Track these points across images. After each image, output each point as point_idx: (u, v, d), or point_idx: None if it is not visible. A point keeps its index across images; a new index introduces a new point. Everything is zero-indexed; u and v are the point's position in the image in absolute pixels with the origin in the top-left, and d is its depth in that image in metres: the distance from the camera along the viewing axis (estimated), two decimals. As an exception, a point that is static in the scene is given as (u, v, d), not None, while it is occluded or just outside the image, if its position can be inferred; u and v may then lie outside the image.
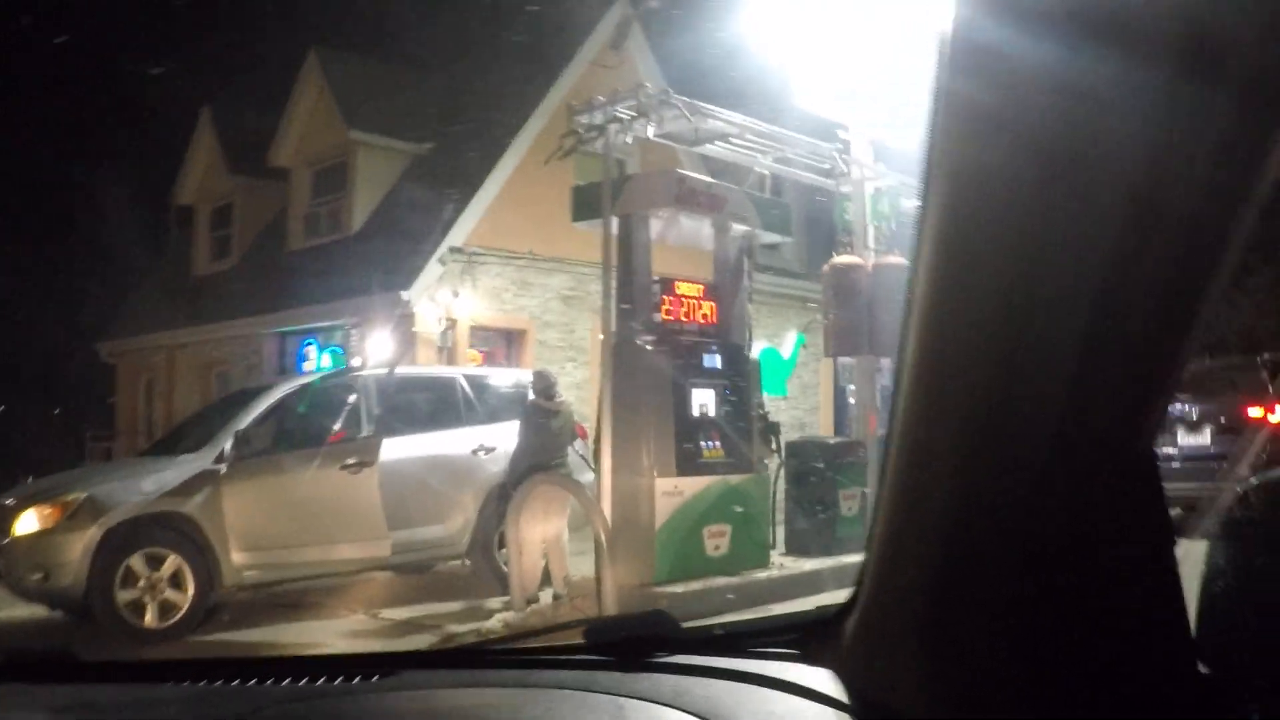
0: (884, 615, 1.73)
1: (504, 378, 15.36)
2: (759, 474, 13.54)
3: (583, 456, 13.44)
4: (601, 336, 12.98)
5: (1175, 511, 1.52)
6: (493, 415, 13.97)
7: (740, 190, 14.46)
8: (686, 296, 13.15)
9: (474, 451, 13.65)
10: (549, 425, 12.49)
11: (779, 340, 24.33)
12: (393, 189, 22.49)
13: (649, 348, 12.59)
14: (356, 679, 2.27)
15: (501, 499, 12.58)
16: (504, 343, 20.98)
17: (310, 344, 21.80)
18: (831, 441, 15.19)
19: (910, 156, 15.91)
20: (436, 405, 14.06)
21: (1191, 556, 1.65)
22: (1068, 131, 1.27)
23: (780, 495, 14.30)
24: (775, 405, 20.65)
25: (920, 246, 1.44)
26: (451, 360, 18.95)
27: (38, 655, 2.92)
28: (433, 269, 19.44)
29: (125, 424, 27.16)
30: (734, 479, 13.02)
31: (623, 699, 1.97)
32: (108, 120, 37.11)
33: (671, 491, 12.36)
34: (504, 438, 13.14)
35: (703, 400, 13.03)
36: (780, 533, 14.29)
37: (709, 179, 14.14)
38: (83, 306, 30.61)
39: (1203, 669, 1.50)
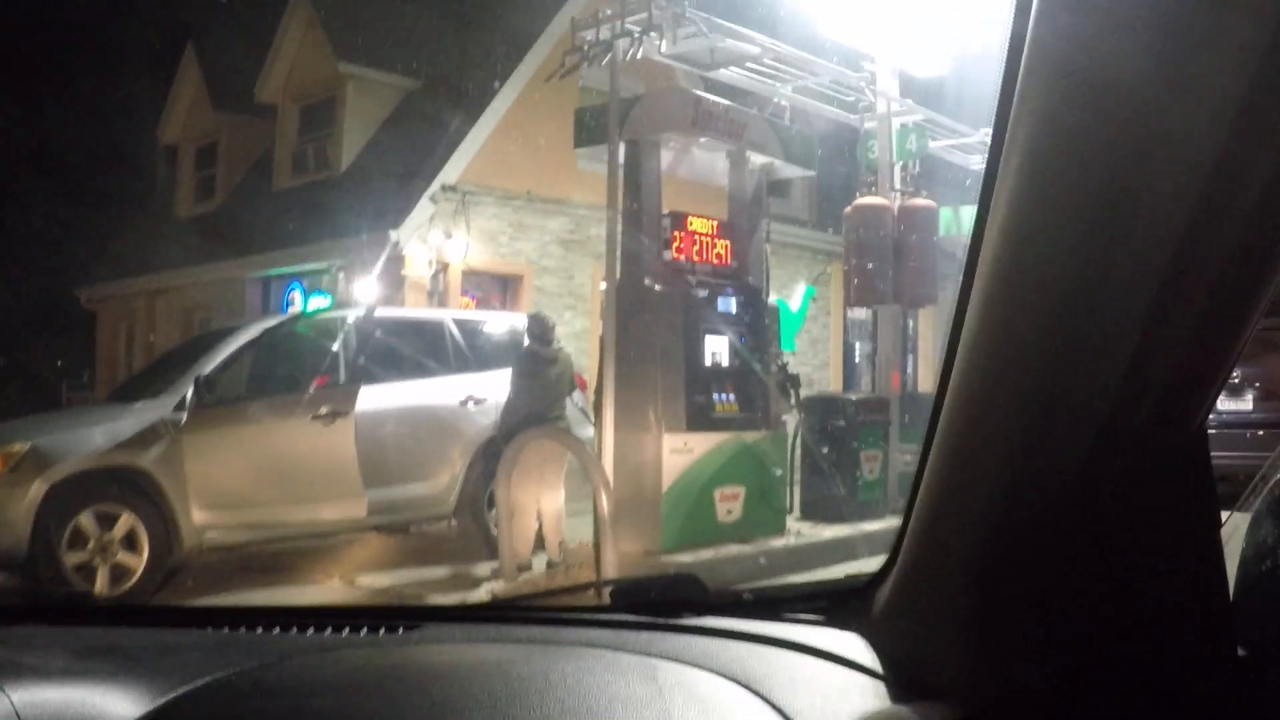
0: (921, 585, 1.71)
1: (497, 322, 14.11)
2: (777, 432, 12.42)
3: (582, 410, 12.36)
4: (604, 284, 11.80)
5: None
6: (484, 363, 12.74)
7: (760, 116, 13.09)
8: (699, 234, 11.88)
9: (463, 402, 12.38)
10: (545, 374, 11.38)
11: (787, 293, 23.03)
12: (385, 125, 21.25)
13: (657, 289, 11.32)
14: (381, 631, 2.24)
15: (492, 455, 11.42)
16: (499, 289, 19.71)
17: (295, 288, 20.54)
18: (853, 398, 13.89)
19: (939, 91, 14.77)
20: (421, 351, 12.74)
21: (1229, 530, 1.64)
22: (1154, 95, 1.20)
23: (796, 455, 13.18)
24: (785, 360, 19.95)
25: (993, 204, 1.36)
26: (443, 306, 17.65)
27: (59, 597, 3.12)
28: (424, 208, 18.15)
29: (105, 374, 25.84)
30: (750, 436, 11.90)
31: (653, 659, 1.92)
32: (91, 57, 35.56)
33: (680, 449, 11.25)
34: (496, 388, 11.92)
35: (716, 349, 11.89)
36: (796, 496, 13.30)
37: (727, 102, 12.72)
38: (67, 251, 29.23)
39: (1241, 651, 1.50)
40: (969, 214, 18.04)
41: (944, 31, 13.85)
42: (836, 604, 2.08)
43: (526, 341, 11.66)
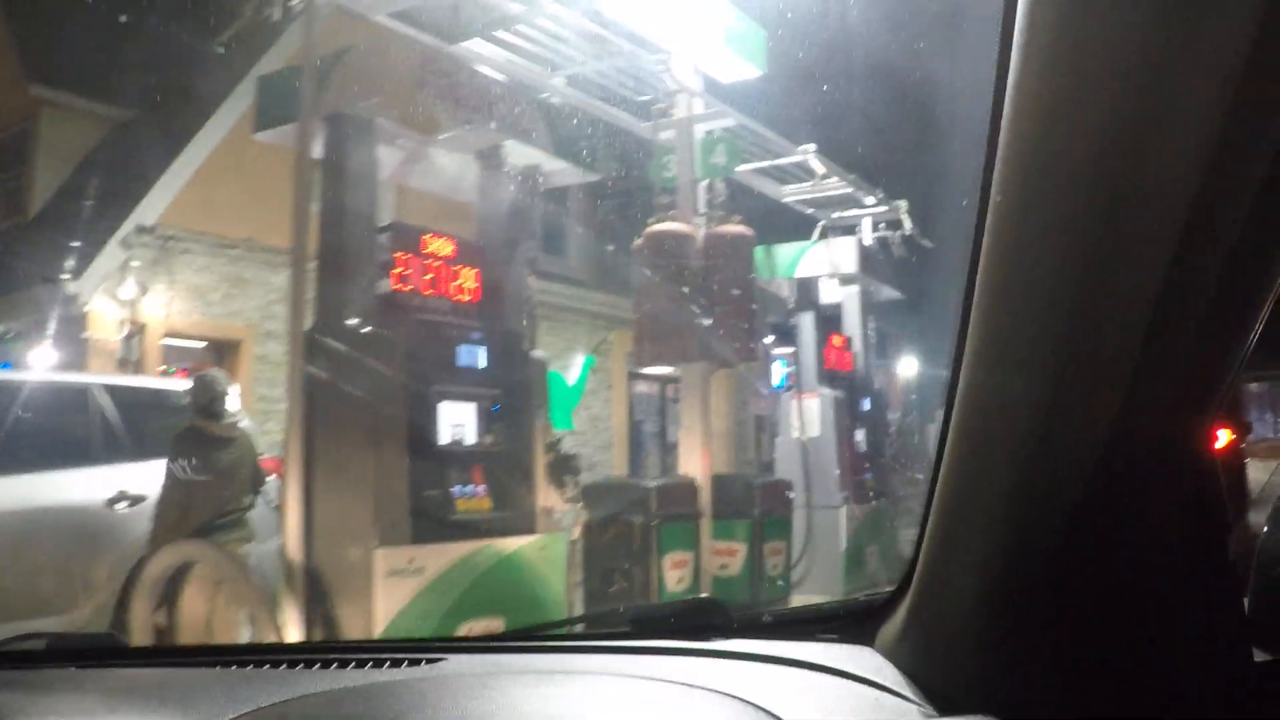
0: (938, 601, 1.71)
1: (170, 391, 9.93)
2: (549, 536, 8.51)
3: (278, 509, 8.30)
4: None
5: None
6: (146, 448, 8.78)
7: (525, 92, 9.29)
8: (435, 257, 8.09)
9: (111, 503, 8.50)
10: (214, 461, 7.82)
11: (562, 364, 19.39)
12: (87, 161, 17.30)
13: (368, 333, 7.41)
14: (404, 665, 2.19)
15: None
16: (212, 357, 15.56)
17: (-28, 358, 16.37)
18: (652, 485, 9.94)
19: (751, 92, 11.38)
20: (51, 430, 8.86)
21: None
22: (1150, 91, 1.14)
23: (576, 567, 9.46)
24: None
25: (989, 219, 1.32)
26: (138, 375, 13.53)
27: (84, 639, 3.32)
28: (111, 255, 14.20)
29: None
30: (509, 544, 8.07)
31: (676, 684, 1.87)
32: None
33: (403, 569, 7.32)
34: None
35: (457, 420, 8.07)
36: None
37: (476, 67, 8.90)
38: None
39: (1258, 656, 1.51)
40: (785, 255, 14.85)
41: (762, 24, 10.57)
42: (855, 622, 2.03)
43: (191, 415, 8.02)
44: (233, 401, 8.19)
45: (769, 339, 14.69)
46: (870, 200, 15.14)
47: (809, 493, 12.87)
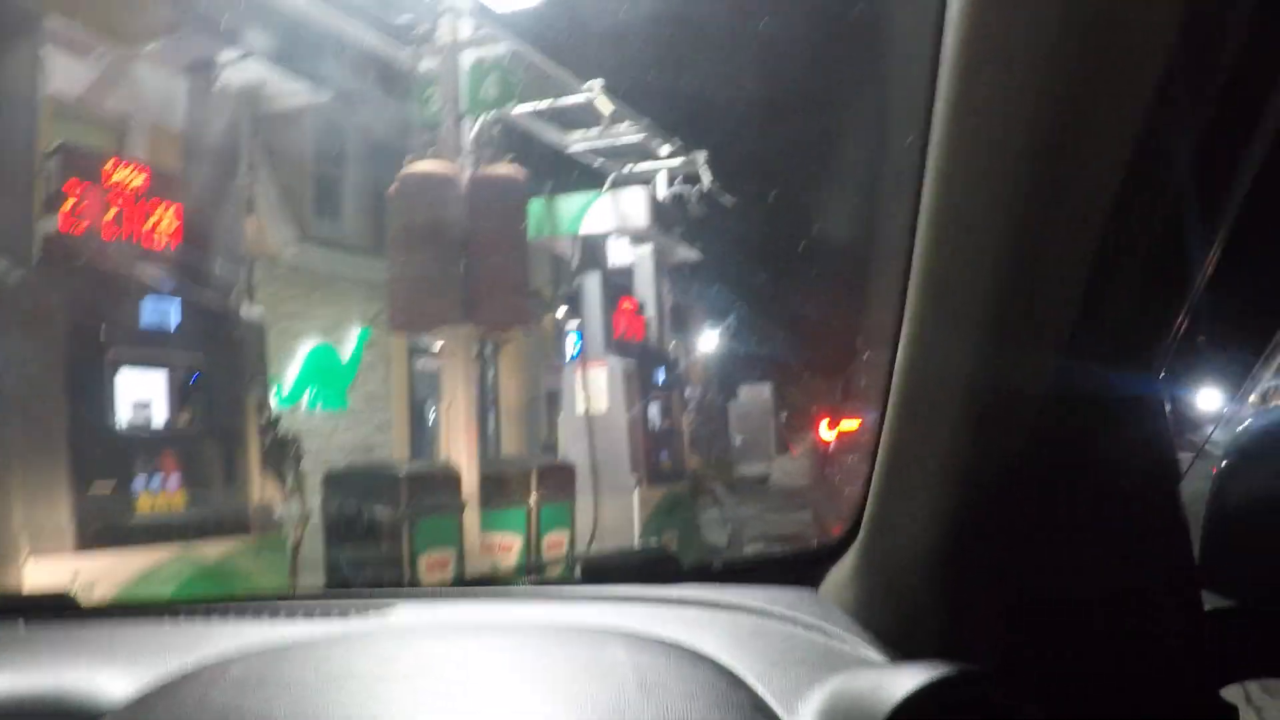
0: (886, 547, 1.69)
1: None
2: (265, 537, 7.07)
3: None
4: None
5: None
6: None
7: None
8: (120, 188, 6.47)
9: None
10: None
11: (336, 336, 17.81)
12: None
13: (23, 284, 5.90)
14: (351, 614, 2.03)
15: None
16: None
17: None
18: (402, 473, 8.40)
19: (530, 23, 9.97)
20: None
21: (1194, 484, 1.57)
22: (1079, 73, 1.12)
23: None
24: (333, 423, 15.97)
25: (926, 173, 1.27)
26: None
27: (32, 596, 2.89)
28: None
29: None
30: (211, 550, 6.61)
31: (624, 631, 1.71)
32: None
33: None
34: None
35: (142, 394, 6.55)
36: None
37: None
38: None
39: (1207, 604, 1.53)
40: (569, 208, 13.44)
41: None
42: (801, 567, 1.99)
43: None
44: None
45: (551, 302, 13.38)
46: (665, 151, 13.87)
47: (595, 476, 11.57)
